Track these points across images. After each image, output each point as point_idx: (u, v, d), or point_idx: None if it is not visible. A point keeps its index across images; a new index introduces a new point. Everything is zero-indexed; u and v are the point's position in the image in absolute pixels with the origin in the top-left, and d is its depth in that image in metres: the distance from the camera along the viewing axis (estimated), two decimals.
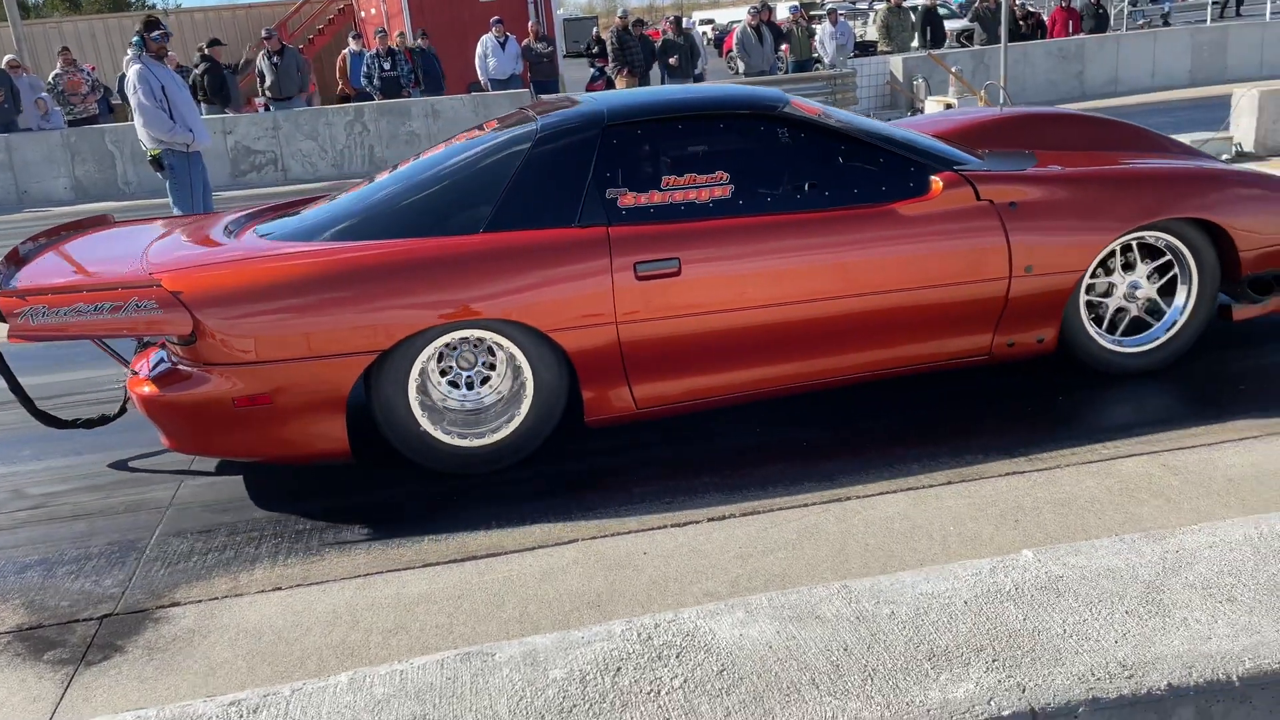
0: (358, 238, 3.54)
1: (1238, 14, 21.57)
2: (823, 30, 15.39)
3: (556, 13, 23.86)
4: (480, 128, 4.24)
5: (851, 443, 3.67)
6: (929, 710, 1.21)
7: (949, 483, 3.31)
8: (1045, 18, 17.90)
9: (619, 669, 1.30)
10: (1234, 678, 1.26)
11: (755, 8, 15.23)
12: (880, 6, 17.35)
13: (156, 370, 3.53)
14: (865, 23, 23.06)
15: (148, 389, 3.45)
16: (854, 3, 32.00)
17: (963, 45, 19.43)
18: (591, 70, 17.63)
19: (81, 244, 4.09)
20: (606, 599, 2.77)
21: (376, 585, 2.93)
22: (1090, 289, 3.97)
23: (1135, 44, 15.29)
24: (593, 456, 3.71)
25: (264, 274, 3.38)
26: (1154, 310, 4.05)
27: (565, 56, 21.21)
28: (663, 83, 14.55)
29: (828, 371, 3.78)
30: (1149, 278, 4.00)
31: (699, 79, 14.97)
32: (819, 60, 15.54)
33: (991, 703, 1.21)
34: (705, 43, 17.60)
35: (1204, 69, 15.11)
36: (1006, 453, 3.48)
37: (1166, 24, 20.69)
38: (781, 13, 20.00)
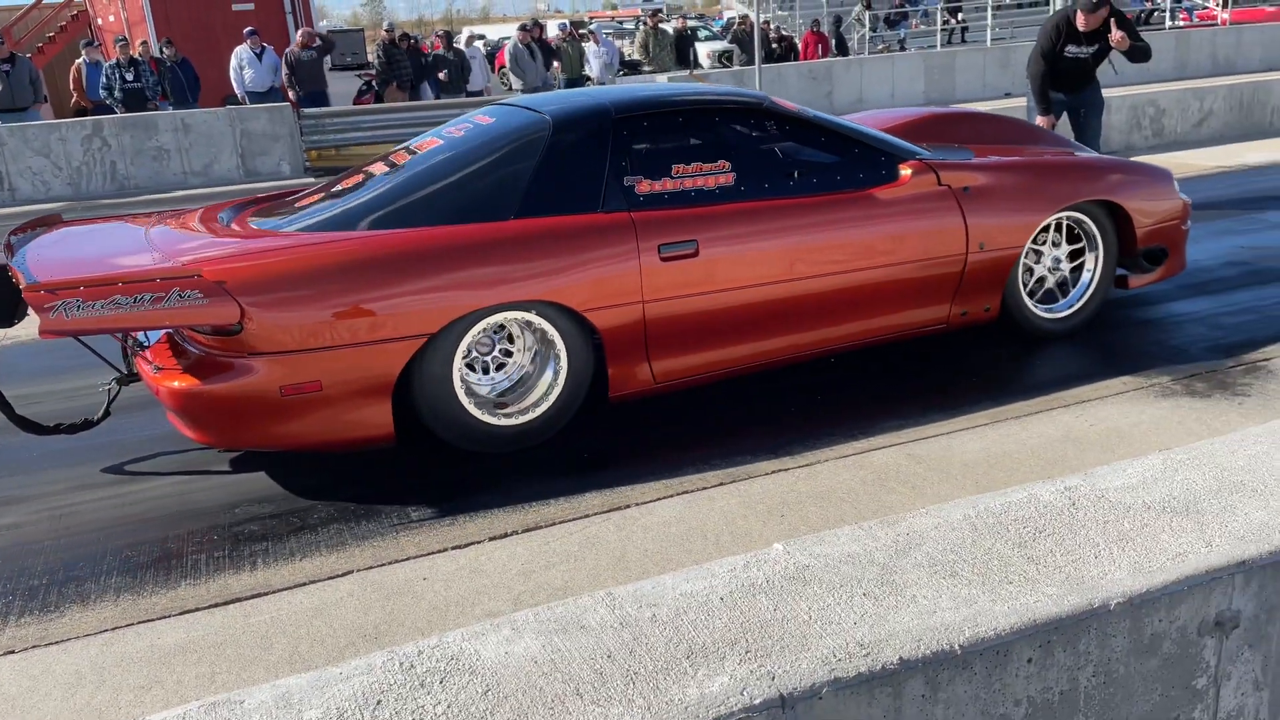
0: (389, 226, 3.58)
1: (963, 41, 23.79)
2: (588, 49, 15.67)
3: (319, 24, 23.00)
4: (470, 121, 4.27)
5: (630, 451, 3.75)
6: (687, 707, 1.25)
7: (721, 484, 3.44)
8: (798, 41, 19.06)
9: (379, 702, 1.26)
10: (956, 646, 1.38)
11: (526, 25, 15.31)
12: (642, 27, 17.89)
13: (185, 364, 3.43)
14: (631, 42, 23.69)
15: (181, 382, 3.34)
16: (621, 22, 32.82)
17: (723, 65, 20.32)
18: (360, 84, 17.11)
19: (59, 242, 3.81)
20: (385, 630, 2.69)
21: (127, 639, 2.70)
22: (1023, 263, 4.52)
23: (876, 66, 16.55)
24: (362, 484, 3.59)
25: (311, 261, 3.37)
26: (1063, 281, 4.68)
27: (331, 69, 20.44)
28: (437, 97, 14.34)
29: (821, 342, 4.15)
30: (1057, 247, 4.62)
31: (477, 94, 14.87)
32: (590, 78, 15.81)
33: (744, 693, 1.27)
34: (484, 57, 17.46)
35: (936, 89, 16.55)
36: (773, 451, 3.66)
37: (903, 49, 22.53)
38: (552, 30, 20.21)
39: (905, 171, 4.22)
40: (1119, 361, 4.40)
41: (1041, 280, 4.63)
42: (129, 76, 12.73)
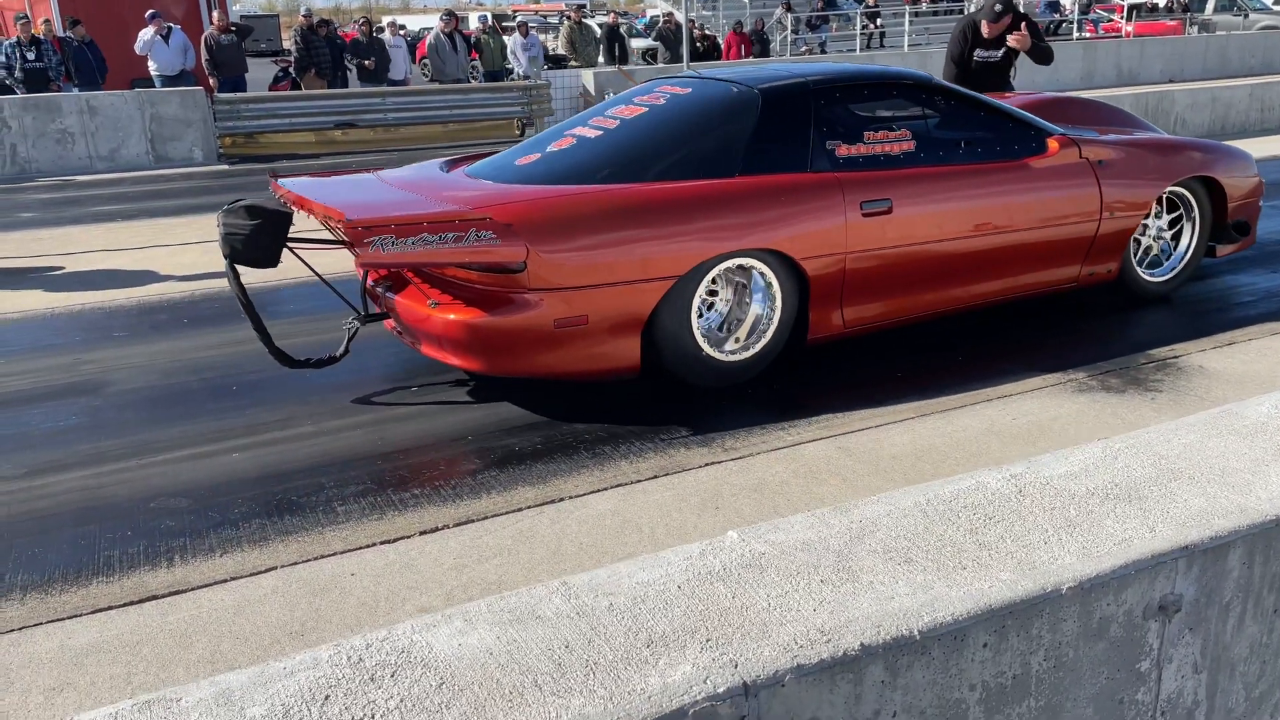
0: (626, 180, 3.97)
1: (881, 45, 24.26)
2: (513, 42, 15.49)
3: (233, 8, 22.28)
4: (663, 92, 4.59)
5: (563, 445, 3.70)
6: (650, 696, 1.21)
7: (655, 476, 3.41)
8: (721, 41, 19.18)
9: (327, 698, 1.20)
10: (915, 632, 1.37)
11: (446, 15, 15.08)
12: (566, 22, 17.78)
13: (466, 299, 3.74)
14: (556, 36, 23.55)
15: (462, 315, 3.68)
16: (545, 17, 32.63)
17: (648, 63, 20.38)
18: (275, 71, 16.64)
19: (331, 189, 4.07)
20: (311, 627, 2.59)
21: (34, 639, 2.54)
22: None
23: None
24: (290, 477, 3.46)
25: (585, 208, 3.75)
26: (1163, 249, 5.24)
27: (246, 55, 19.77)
28: (360, 84, 14.04)
29: (982, 294, 4.61)
30: (1159, 218, 5.16)
31: (400, 83, 14.58)
32: (511, 70, 15.65)
33: (708, 681, 1.24)
34: (406, 47, 17.09)
35: None
36: (706, 444, 3.65)
37: (824, 51, 22.87)
38: (473, 22, 19.93)
39: (1053, 144, 4.71)
40: (1038, 358, 4.51)
41: (1148, 249, 5.16)
42: (30, 56, 12.15)
